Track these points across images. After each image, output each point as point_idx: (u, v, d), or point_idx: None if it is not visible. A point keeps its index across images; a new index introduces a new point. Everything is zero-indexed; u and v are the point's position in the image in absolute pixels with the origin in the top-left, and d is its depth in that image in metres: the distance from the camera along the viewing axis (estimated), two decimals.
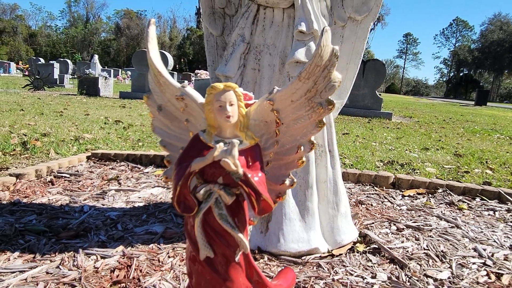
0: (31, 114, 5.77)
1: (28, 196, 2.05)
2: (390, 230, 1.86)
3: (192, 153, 0.79)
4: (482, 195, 2.49)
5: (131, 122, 5.65)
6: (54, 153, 3.36)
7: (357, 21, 1.81)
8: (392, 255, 1.55)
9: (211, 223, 0.78)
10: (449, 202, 2.36)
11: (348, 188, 2.53)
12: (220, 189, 0.78)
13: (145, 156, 2.90)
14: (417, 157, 4.25)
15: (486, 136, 7.19)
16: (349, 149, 4.40)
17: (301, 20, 1.56)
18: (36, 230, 1.62)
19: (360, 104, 9.51)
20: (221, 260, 0.79)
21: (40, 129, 4.44)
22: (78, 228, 1.67)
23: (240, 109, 0.80)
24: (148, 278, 1.29)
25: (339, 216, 1.69)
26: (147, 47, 0.86)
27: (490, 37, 64.46)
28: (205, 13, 1.94)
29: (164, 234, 1.65)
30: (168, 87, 0.87)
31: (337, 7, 1.82)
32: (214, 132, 0.81)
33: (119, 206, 1.99)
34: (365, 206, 2.19)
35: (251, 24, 1.67)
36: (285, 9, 1.62)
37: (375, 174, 2.67)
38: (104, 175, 2.55)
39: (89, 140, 3.94)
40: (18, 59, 44.99)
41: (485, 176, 3.38)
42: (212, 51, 1.98)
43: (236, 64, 1.67)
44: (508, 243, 1.80)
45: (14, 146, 3.43)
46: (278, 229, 1.56)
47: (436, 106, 21.41)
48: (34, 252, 1.44)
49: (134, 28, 60.11)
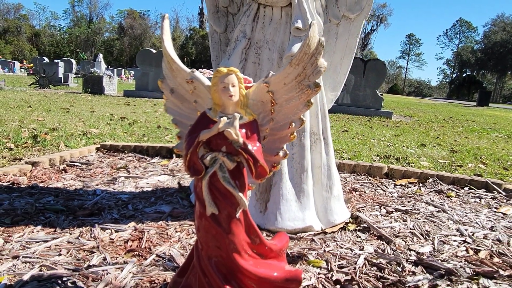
0: (38, 110, 5.93)
1: (44, 181, 2.20)
2: (380, 212, 2.00)
3: (200, 126, 0.94)
4: (470, 185, 2.63)
5: (135, 118, 5.80)
6: (64, 145, 3.52)
7: (350, 19, 1.96)
8: (380, 232, 1.70)
9: (216, 184, 0.93)
10: (438, 190, 2.50)
11: (343, 178, 2.67)
12: (224, 156, 0.92)
13: (152, 148, 3.06)
14: (413, 152, 4.39)
15: (485, 134, 7.31)
16: (348, 145, 4.54)
17: (298, 17, 1.71)
18: (54, 209, 1.78)
19: (361, 103, 9.65)
20: (224, 216, 0.94)
21: (49, 124, 4.59)
22: (92, 208, 1.82)
23: (240, 90, 0.94)
24: (158, 248, 1.44)
25: (332, 198, 1.83)
26: (161, 38, 1.01)
27: (493, 38, 64.39)
28: (209, 11, 2.09)
29: (171, 213, 1.80)
30: (179, 72, 1.02)
31: (331, 6, 1.97)
32: (218, 109, 0.96)
33: (129, 190, 2.14)
34: (359, 193, 2.34)
35: (252, 22, 1.82)
36: (283, 7, 1.77)
37: (370, 165, 2.82)
38: (113, 164, 2.71)
39: (96, 135, 4.09)
40: (22, 59, 45.32)
41: (478, 170, 3.51)
42: (216, 47, 2.13)
43: (238, 58, 1.82)
44: (489, 225, 1.94)
45: (25, 139, 3.59)
46: (276, 209, 1.71)
47: (438, 106, 21.51)
48: (54, 226, 1.59)
49: (137, 28, 60.38)
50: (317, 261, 1.39)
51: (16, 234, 1.50)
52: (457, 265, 1.44)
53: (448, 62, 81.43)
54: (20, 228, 1.55)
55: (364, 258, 1.45)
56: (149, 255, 1.38)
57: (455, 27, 78.47)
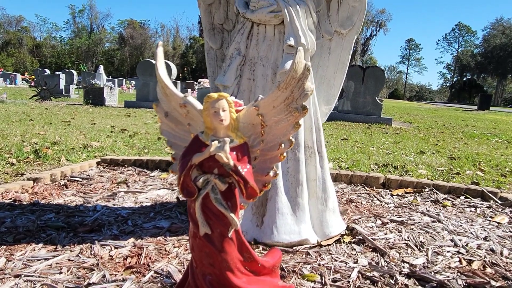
0: (40, 124, 6.00)
1: (46, 198, 2.24)
2: (376, 224, 2.03)
3: (193, 149, 0.98)
4: (466, 194, 2.65)
5: (136, 130, 5.85)
6: (65, 160, 3.56)
7: (342, 34, 2.01)
8: (374, 244, 1.73)
9: (208, 205, 0.97)
10: (434, 200, 2.53)
11: (340, 188, 2.71)
12: (216, 178, 0.96)
13: (151, 161, 3.10)
14: (412, 160, 4.42)
15: (484, 140, 7.33)
16: (347, 154, 4.57)
17: (290, 35, 1.76)
18: (55, 226, 1.81)
19: (360, 110, 9.70)
20: (217, 235, 0.98)
21: (50, 138, 4.64)
22: (93, 224, 1.86)
23: (231, 114, 0.99)
24: (156, 264, 1.47)
25: (327, 211, 1.86)
26: (155, 65, 1.06)
27: (493, 41, 64.59)
28: (205, 28, 2.15)
29: (170, 229, 1.84)
30: (173, 97, 1.07)
31: (324, 22, 2.02)
32: (210, 133, 1.00)
33: (128, 205, 2.18)
34: (355, 204, 2.37)
35: (246, 39, 1.87)
36: (276, 25, 1.82)
37: (366, 175, 2.85)
38: (113, 178, 2.75)
39: (97, 148, 4.13)
40: (24, 70, 45.70)
41: (475, 177, 3.54)
42: (212, 62, 2.18)
43: (233, 74, 1.86)
44: (483, 234, 1.97)
45: (27, 153, 3.63)
46: (272, 223, 1.74)
47: (439, 111, 21.53)
48: (55, 244, 1.63)
49: (138, 37, 60.81)
50: (312, 275, 1.42)
51: (18, 253, 1.53)
52: (449, 277, 1.46)
53: (448, 66, 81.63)
54: (22, 246, 1.59)
55: (358, 271, 1.48)
56: (147, 271, 1.41)
57: (454, 31, 78.80)
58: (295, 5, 1.77)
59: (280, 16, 1.77)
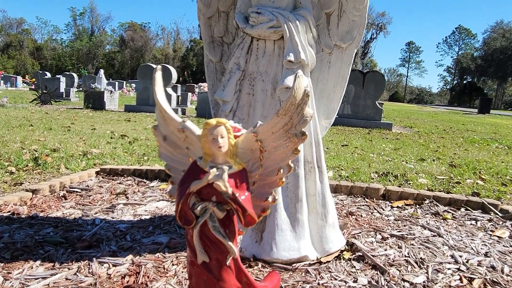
0: (40, 129, 5.99)
1: (44, 211, 2.23)
2: (376, 239, 2.02)
3: (191, 176, 0.97)
4: (467, 206, 2.64)
5: (136, 136, 5.85)
6: (64, 168, 3.55)
7: (342, 48, 2.01)
8: (374, 261, 1.72)
9: (206, 233, 0.96)
10: (435, 212, 2.52)
11: (340, 200, 2.70)
12: (214, 206, 0.95)
13: (151, 171, 3.09)
14: (412, 168, 4.41)
15: (485, 145, 7.32)
16: (347, 161, 4.56)
17: (290, 51, 1.75)
18: (53, 241, 1.80)
19: (361, 115, 9.70)
20: (215, 263, 0.97)
21: (50, 144, 4.64)
22: (91, 239, 1.85)
23: (229, 140, 0.98)
24: (154, 283, 1.46)
25: (327, 226, 1.85)
26: (154, 90, 1.05)
27: (493, 44, 64.65)
28: (205, 41, 2.14)
29: (168, 244, 1.83)
30: (171, 121, 1.06)
31: (324, 36, 2.02)
32: (209, 159, 0.99)
33: (127, 219, 2.17)
34: (355, 217, 2.36)
35: (246, 54, 1.86)
36: (275, 40, 1.81)
37: (366, 186, 2.84)
38: (112, 189, 2.74)
39: (97, 155, 4.12)
40: (24, 73, 45.74)
41: (476, 187, 3.52)
42: (211, 76, 2.17)
43: (233, 89, 1.86)
44: (484, 250, 1.96)
45: (26, 161, 3.63)
46: (271, 239, 1.73)
47: (439, 114, 21.53)
48: (53, 261, 1.62)
49: (138, 40, 60.94)
50: None
51: (16, 271, 1.52)
52: None
53: (449, 69, 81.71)
54: (19, 264, 1.58)
55: None
56: None
57: (454, 34, 78.91)
58: (295, 21, 1.76)
59: (280, 32, 1.76)
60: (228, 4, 2.10)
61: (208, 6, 2.06)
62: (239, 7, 1.92)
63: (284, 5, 1.82)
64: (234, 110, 1.87)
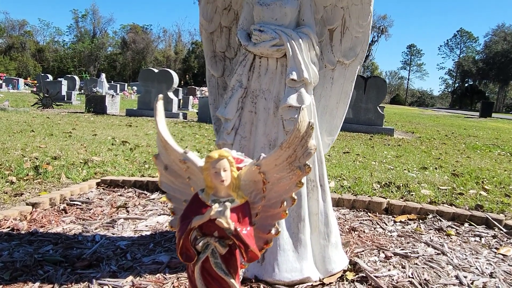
0: (41, 135, 5.98)
1: (44, 226, 2.22)
2: (379, 258, 2.00)
3: (192, 210, 0.95)
4: (470, 221, 2.62)
5: (137, 142, 5.83)
6: (65, 177, 3.54)
7: (345, 64, 1.99)
8: (378, 284, 1.69)
9: (208, 269, 0.94)
10: (438, 228, 2.50)
11: (342, 214, 2.67)
12: (216, 241, 0.94)
13: (152, 183, 3.07)
14: (414, 177, 4.38)
15: (487, 152, 7.30)
16: (349, 169, 4.54)
17: (293, 69, 1.73)
18: (53, 261, 1.78)
19: (362, 120, 9.68)
20: None
21: (51, 152, 4.62)
22: (91, 258, 1.83)
23: (232, 173, 0.96)
24: None
25: (330, 246, 1.83)
26: (155, 119, 1.03)
27: (494, 48, 64.66)
28: (207, 56, 2.13)
29: (169, 264, 1.80)
30: (173, 152, 1.04)
31: (327, 52, 2.00)
32: (211, 192, 0.97)
33: (127, 235, 2.15)
34: (358, 233, 2.34)
35: (248, 71, 1.84)
36: (278, 58, 1.80)
37: (369, 200, 2.82)
38: (113, 202, 2.72)
39: (98, 163, 4.11)
40: (26, 75, 45.86)
41: (479, 198, 3.50)
42: (213, 91, 2.16)
43: (235, 107, 1.84)
44: (489, 270, 1.93)
45: (27, 170, 3.61)
46: (273, 260, 1.71)
47: (441, 118, 21.50)
48: (52, 282, 1.60)
49: (140, 42, 61.07)
50: None
51: None
52: None
53: (450, 72, 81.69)
54: (18, 286, 1.56)
55: None
56: None
57: (456, 37, 78.92)
58: (298, 39, 1.75)
59: (283, 50, 1.74)
60: (231, 19, 2.09)
61: (210, 21, 2.05)
62: (241, 24, 1.91)
63: (287, 23, 1.80)
64: (236, 128, 1.85)
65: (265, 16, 1.81)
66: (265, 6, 1.80)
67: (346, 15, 1.93)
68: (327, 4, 1.93)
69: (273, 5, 1.79)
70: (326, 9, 1.95)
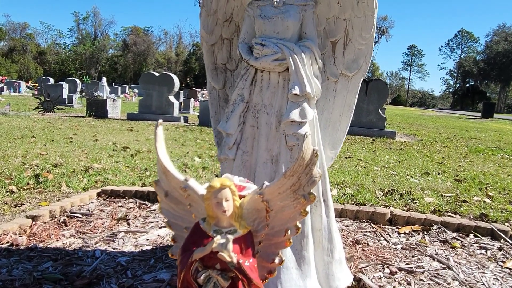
0: (42, 141, 5.96)
1: (44, 241, 2.19)
2: (384, 273, 1.96)
3: (194, 241, 0.92)
4: (476, 232, 2.58)
5: (138, 148, 5.81)
6: (65, 186, 3.52)
7: (348, 76, 1.96)
8: None
9: None
10: (443, 240, 2.46)
11: (345, 226, 2.64)
12: (218, 274, 0.91)
13: (152, 193, 3.04)
14: (417, 183, 4.35)
15: (490, 155, 7.25)
16: (351, 175, 4.51)
17: (295, 84, 1.70)
18: (52, 278, 1.76)
19: (363, 123, 9.64)
20: None
21: (52, 159, 4.60)
22: (91, 276, 1.80)
23: (234, 202, 0.93)
24: None
25: (333, 262, 1.80)
26: (155, 146, 1.00)
27: (495, 48, 64.59)
28: (208, 68, 2.10)
29: (170, 282, 1.77)
30: (173, 179, 1.01)
31: (329, 64, 1.97)
32: (212, 222, 0.94)
33: (128, 250, 2.12)
34: (361, 246, 2.30)
35: (250, 85, 1.82)
36: (280, 72, 1.77)
37: (372, 211, 2.78)
38: (113, 213, 2.69)
39: (98, 171, 4.08)
40: (28, 77, 45.98)
41: (483, 205, 3.46)
42: (214, 103, 2.12)
43: (236, 122, 1.81)
44: (496, 286, 1.89)
45: (27, 179, 3.59)
46: (276, 278, 1.68)
47: (442, 119, 21.45)
48: None
49: (141, 44, 61.20)
50: None
51: None
52: None
53: (451, 73, 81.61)
54: None
55: None
56: None
57: (456, 37, 78.86)
58: (300, 53, 1.72)
59: (285, 64, 1.72)
60: (232, 31, 2.06)
61: (211, 33, 2.02)
62: (242, 37, 1.88)
63: (289, 36, 1.77)
64: (237, 143, 1.82)
65: (267, 30, 1.78)
66: (267, 19, 1.77)
67: (348, 27, 1.90)
68: (330, 16, 1.90)
69: (275, 18, 1.77)
70: (328, 21, 1.92)
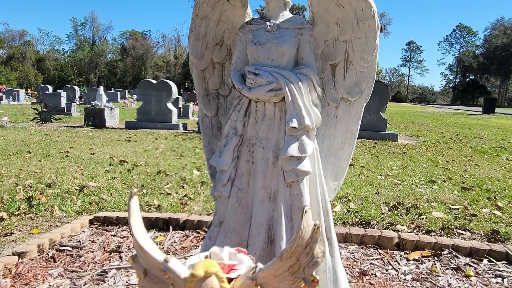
0: (37, 156, 5.84)
1: (29, 283, 2.05)
2: None
3: None
4: (489, 256, 2.43)
5: (136, 161, 5.68)
6: (58, 210, 3.39)
7: (350, 101, 1.81)
8: None
9: None
10: (455, 267, 2.31)
11: (351, 253, 2.49)
12: None
13: (147, 219, 2.90)
14: (423, 192, 4.20)
15: (495, 157, 7.10)
16: (354, 186, 4.37)
17: (293, 116, 1.56)
18: None
19: (365, 126, 9.47)
20: None
21: (46, 177, 4.47)
22: None
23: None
24: None
25: None
26: (129, 222, 0.86)
27: (494, 42, 64.33)
28: (199, 95, 1.96)
29: None
30: (151, 260, 0.87)
31: (329, 88, 1.82)
32: None
33: None
34: (369, 279, 2.16)
35: (243, 117, 1.67)
36: (276, 103, 1.62)
37: (379, 235, 2.63)
38: (105, 244, 2.56)
39: (93, 191, 3.95)
40: (28, 85, 45.92)
41: (493, 219, 3.32)
42: (207, 131, 1.98)
43: (230, 157, 1.67)
44: None
45: (19, 202, 3.47)
46: None
47: (443, 116, 21.27)
48: None
49: (139, 48, 61.14)
50: None
51: None
52: None
53: (451, 68, 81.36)
54: None
55: None
56: None
57: (455, 32, 78.62)
58: (297, 82, 1.57)
59: (281, 95, 1.57)
60: (223, 55, 1.92)
61: (201, 58, 1.88)
62: (234, 63, 1.74)
63: (285, 63, 1.63)
64: (232, 179, 1.68)
65: (260, 56, 1.64)
66: (260, 45, 1.63)
67: (349, 49, 1.75)
68: (328, 38, 1.76)
69: (269, 44, 1.62)
70: (327, 43, 1.77)
